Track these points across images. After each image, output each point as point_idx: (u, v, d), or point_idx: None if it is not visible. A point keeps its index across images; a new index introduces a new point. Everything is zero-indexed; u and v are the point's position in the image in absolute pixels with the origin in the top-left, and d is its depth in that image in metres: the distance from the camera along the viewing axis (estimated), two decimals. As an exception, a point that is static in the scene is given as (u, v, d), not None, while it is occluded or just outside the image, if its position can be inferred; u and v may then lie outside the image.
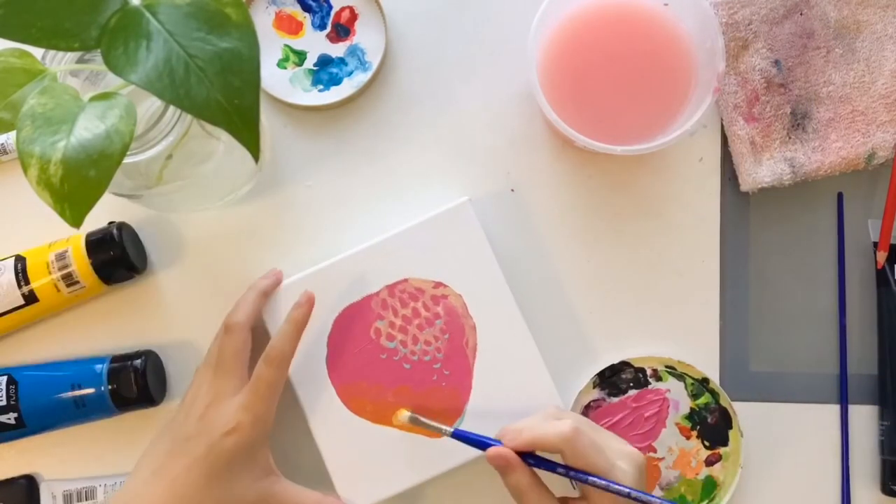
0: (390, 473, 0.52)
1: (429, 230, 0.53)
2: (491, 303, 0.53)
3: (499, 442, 0.47)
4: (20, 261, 0.54)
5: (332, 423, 0.53)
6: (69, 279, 0.53)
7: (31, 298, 0.53)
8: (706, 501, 0.56)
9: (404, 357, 0.53)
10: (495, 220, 0.57)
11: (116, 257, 0.54)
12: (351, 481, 0.52)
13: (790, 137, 0.56)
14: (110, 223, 0.55)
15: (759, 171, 0.56)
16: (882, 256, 0.56)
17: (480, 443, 0.48)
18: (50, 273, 0.53)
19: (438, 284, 0.53)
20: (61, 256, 0.53)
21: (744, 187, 0.56)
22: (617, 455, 0.45)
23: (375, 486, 0.52)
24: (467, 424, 0.53)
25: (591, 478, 0.44)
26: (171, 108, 0.42)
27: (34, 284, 0.53)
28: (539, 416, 0.48)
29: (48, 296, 0.53)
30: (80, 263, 0.53)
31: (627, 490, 0.43)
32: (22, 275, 0.53)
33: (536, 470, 0.47)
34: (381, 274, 0.53)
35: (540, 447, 0.46)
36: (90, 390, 0.53)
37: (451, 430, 0.49)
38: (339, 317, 0.53)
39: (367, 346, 0.53)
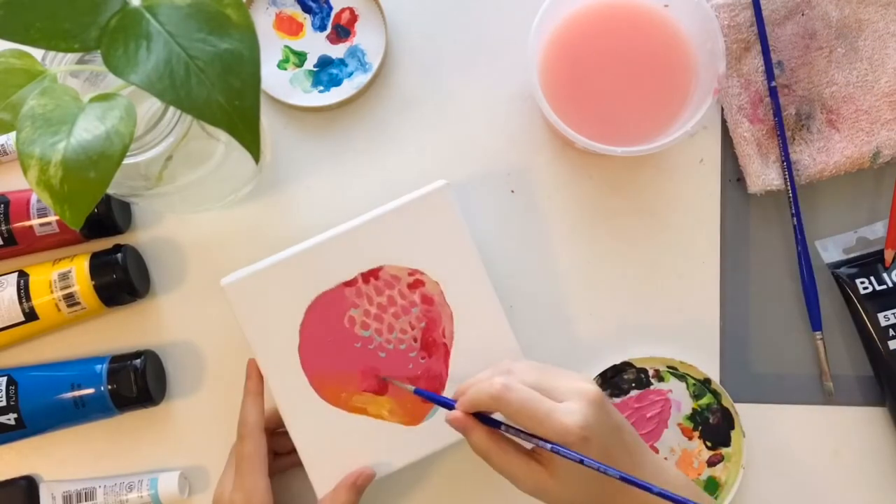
0: (366, 462, 0.51)
1: (405, 215, 0.52)
2: (469, 290, 0.52)
3: (453, 401, 0.45)
4: (23, 276, 0.54)
5: (305, 413, 0.52)
6: (70, 299, 0.53)
7: (31, 316, 0.53)
8: (707, 502, 0.56)
9: (379, 346, 0.52)
10: (495, 220, 0.57)
11: (119, 281, 0.54)
12: (325, 470, 0.51)
13: (794, 138, 0.56)
14: (115, 246, 0.55)
15: (768, 173, 0.56)
16: (890, 255, 0.56)
17: (439, 401, 0.47)
18: (52, 292, 0.53)
19: (415, 272, 0.52)
20: (64, 276, 0.53)
21: (752, 189, 0.56)
22: (565, 393, 0.42)
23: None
24: (443, 411, 0.51)
25: (532, 438, 0.41)
26: (171, 109, 0.42)
27: (35, 301, 0.53)
28: (486, 372, 0.45)
29: (48, 314, 0.53)
30: (83, 285, 0.53)
31: (550, 446, 0.41)
32: (24, 291, 0.53)
33: None
34: (355, 261, 0.52)
35: (480, 408, 0.44)
36: (90, 390, 0.53)
37: (414, 388, 0.49)
38: (311, 305, 0.52)
39: (341, 335, 0.52)
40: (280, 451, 0.55)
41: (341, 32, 0.57)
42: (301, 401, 0.52)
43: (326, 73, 0.57)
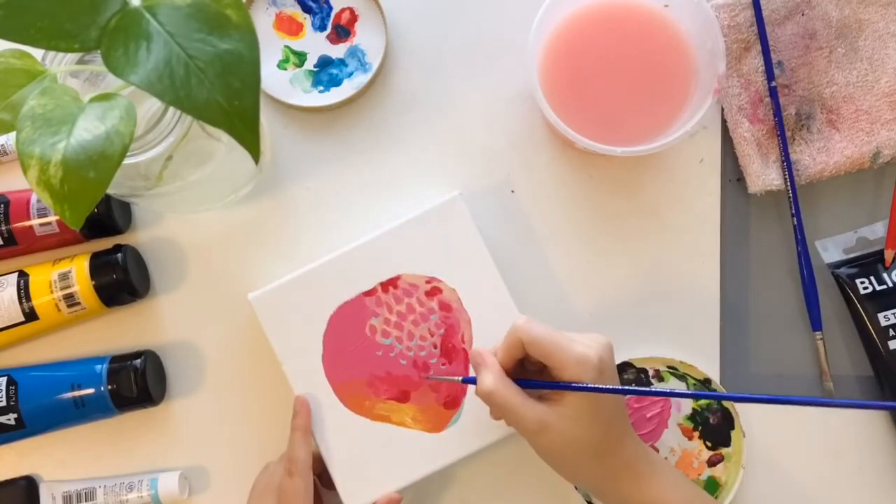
0: (391, 470, 0.52)
1: (420, 226, 0.53)
2: (485, 296, 0.53)
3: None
4: (23, 276, 0.54)
5: (330, 422, 0.53)
6: (70, 300, 0.53)
7: (31, 316, 0.53)
8: (707, 502, 0.56)
9: (400, 353, 0.53)
10: (496, 221, 0.57)
11: (119, 281, 0.54)
12: (352, 479, 0.52)
13: (794, 138, 0.56)
14: (115, 246, 0.55)
15: (769, 174, 0.56)
16: (890, 255, 0.56)
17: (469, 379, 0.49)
18: (52, 292, 0.53)
19: (432, 280, 0.53)
20: (64, 276, 0.53)
21: (752, 189, 0.56)
22: (581, 337, 0.45)
23: (377, 483, 0.52)
24: (466, 417, 0.53)
25: (556, 384, 0.44)
26: (171, 110, 0.42)
27: (35, 301, 0.53)
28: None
29: (48, 314, 0.53)
30: (83, 285, 0.53)
31: (586, 385, 0.43)
32: (24, 291, 0.53)
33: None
34: (374, 271, 0.53)
35: (505, 347, 0.46)
36: (90, 390, 0.53)
37: (462, 378, 0.51)
38: (333, 315, 0.53)
39: (363, 344, 0.53)
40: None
41: (341, 32, 0.57)
42: (326, 409, 0.53)
43: (326, 73, 0.57)
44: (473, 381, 0.48)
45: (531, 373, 0.48)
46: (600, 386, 0.43)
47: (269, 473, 0.52)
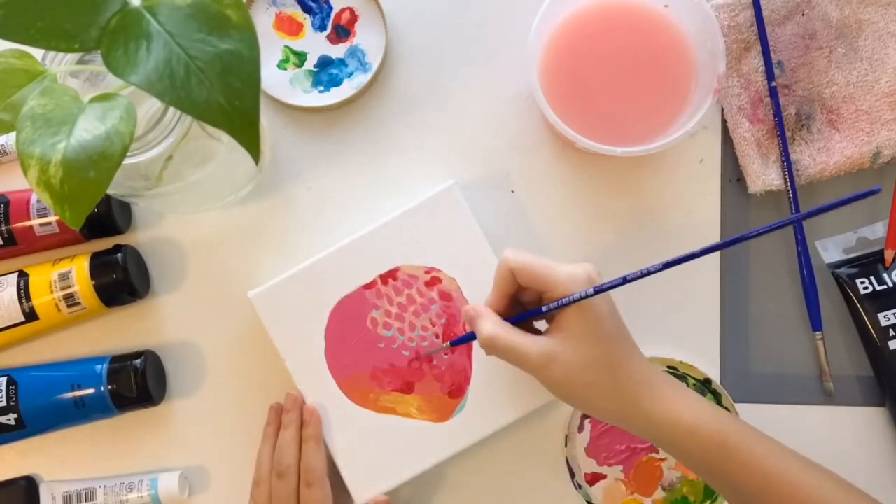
0: (398, 462, 0.53)
1: (417, 216, 0.53)
2: (485, 284, 0.53)
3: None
4: (23, 276, 0.54)
5: (336, 416, 0.53)
6: (70, 300, 0.53)
7: (31, 316, 0.53)
8: (708, 502, 0.56)
9: (402, 344, 0.53)
10: (495, 221, 0.57)
11: (119, 281, 0.54)
12: (360, 472, 0.52)
13: (794, 139, 0.56)
14: (115, 246, 0.55)
15: (768, 173, 0.56)
16: (890, 255, 0.56)
17: (468, 337, 0.50)
18: (52, 292, 0.53)
19: (431, 270, 0.53)
20: (64, 276, 0.53)
21: (752, 189, 0.56)
22: (564, 265, 0.45)
23: (384, 475, 0.52)
24: (471, 405, 0.53)
25: (550, 305, 0.44)
26: (172, 110, 0.42)
27: (35, 302, 0.53)
28: None
29: (49, 314, 0.53)
30: (83, 285, 0.53)
31: (579, 295, 0.43)
32: (24, 291, 0.53)
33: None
34: (372, 264, 0.53)
35: (496, 284, 0.46)
36: (90, 390, 0.53)
37: (448, 343, 0.52)
38: (334, 309, 0.53)
39: (365, 337, 0.53)
40: None
41: (341, 32, 0.57)
42: (331, 404, 0.53)
43: (326, 73, 0.57)
44: (471, 337, 0.47)
45: (529, 309, 0.48)
46: (590, 290, 0.43)
47: (271, 488, 0.51)
